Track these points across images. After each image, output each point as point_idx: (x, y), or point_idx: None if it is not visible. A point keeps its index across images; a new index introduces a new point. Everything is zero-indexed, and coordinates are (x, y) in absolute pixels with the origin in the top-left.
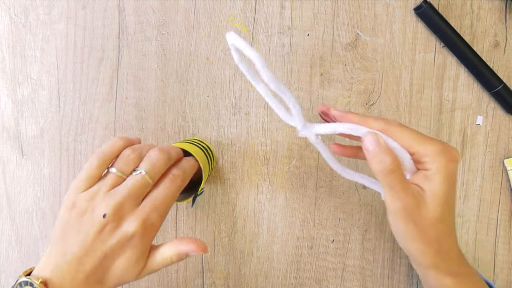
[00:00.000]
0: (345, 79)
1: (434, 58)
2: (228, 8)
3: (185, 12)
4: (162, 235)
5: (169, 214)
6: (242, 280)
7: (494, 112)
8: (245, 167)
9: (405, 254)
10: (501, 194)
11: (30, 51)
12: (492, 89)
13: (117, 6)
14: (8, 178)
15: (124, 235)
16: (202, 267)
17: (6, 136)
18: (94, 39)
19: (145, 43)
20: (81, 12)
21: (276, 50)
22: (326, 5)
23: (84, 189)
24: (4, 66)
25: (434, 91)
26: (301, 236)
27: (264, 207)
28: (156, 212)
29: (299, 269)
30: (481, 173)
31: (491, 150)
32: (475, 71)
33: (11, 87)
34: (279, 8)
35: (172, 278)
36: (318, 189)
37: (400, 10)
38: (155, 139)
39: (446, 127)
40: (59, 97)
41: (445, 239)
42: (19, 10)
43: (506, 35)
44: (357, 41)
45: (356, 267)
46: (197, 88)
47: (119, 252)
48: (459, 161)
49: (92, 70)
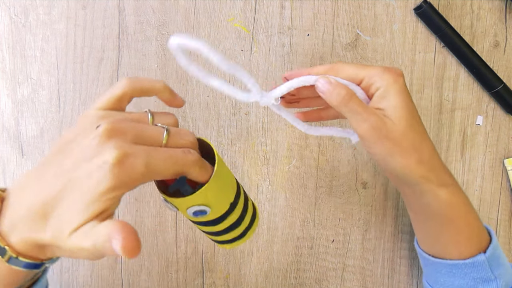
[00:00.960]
0: None
1: (434, 58)
2: (228, 8)
3: (185, 12)
4: (162, 235)
5: (169, 214)
6: (242, 280)
7: (494, 112)
8: (245, 167)
9: (405, 254)
10: (501, 194)
11: (30, 51)
12: (492, 89)
13: (117, 6)
14: (8, 178)
15: (99, 157)
16: (202, 267)
17: (6, 136)
18: (94, 39)
19: (145, 43)
20: (81, 12)
21: (276, 50)
22: (326, 5)
23: None
24: (4, 66)
25: (434, 91)
26: (301, 236)
27: (264, 207)
28: (145, 159)
29: (299, 269)
30: (481, 173)
31: (491, 150)
32: (475, 71)
33: (11, 87)
34: (279, 8)
35: (172, 278)
36: (318, 189)
37: (400, 10)
38: None
39: (446, 127)
40: (59, 97)
41: (422, 147)
42: (19, 10)
43: (506, 35)
44: (357, 41)
45: (356, 267)
46: (197, 88)
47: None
48: (403, 76)
49: (92, 70)
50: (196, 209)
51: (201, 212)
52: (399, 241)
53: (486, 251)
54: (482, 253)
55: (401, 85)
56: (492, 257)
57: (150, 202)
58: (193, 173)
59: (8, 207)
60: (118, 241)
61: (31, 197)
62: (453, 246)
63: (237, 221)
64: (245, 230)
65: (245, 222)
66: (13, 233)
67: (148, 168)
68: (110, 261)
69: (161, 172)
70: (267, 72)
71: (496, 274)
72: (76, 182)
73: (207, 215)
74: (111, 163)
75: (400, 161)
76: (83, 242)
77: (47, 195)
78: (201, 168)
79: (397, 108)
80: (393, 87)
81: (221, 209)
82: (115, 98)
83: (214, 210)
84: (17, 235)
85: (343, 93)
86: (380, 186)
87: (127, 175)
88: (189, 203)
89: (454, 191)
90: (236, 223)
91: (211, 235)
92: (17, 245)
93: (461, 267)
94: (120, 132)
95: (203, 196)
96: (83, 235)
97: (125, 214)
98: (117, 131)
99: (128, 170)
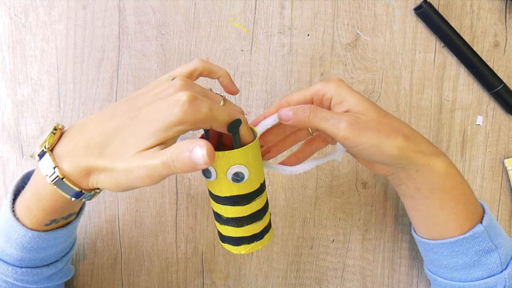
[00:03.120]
0: (345, 79)
1: (434, 58)
2: (228, 8)
3: (185, 12)
4: (162, 235)
5: (169, 215)
6: (242, 280)
7: (494, 112)
8: None
9: (405, 254)
10: (501, 194)
11: (30, 51)
12: (492, 89)
13: (117, 6)
14: (8, 178)
15: (173, 97)
16: (202, 267)
17: (6, 136)
18: (94, 39)
19: (145, 43)
20: (81, 12)
21: (276, 50)
22: (326, 5)
23: None
24: (4, 66)
25: (434, 91)
26: (301, 236)
27: None
28: (209, 104)
29: (299, 269)
30: (481, 173)
31: (491, 150)
32: (475, 71)
33: (11, 87)
34: (279, 8)
35: (172, 278)
36: (318, 189)
37: (400, 10)
38: None
39: (446, 127)
40: (59, 97)
41: (400, 126)
42: (19, 10)
43: (506, 35)
44: (357, 41)
45: (356, 267)
46: None
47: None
48: (342, 79)
49: (92, 70)
50: (236, 170)
51: (239, 176)
52: (399, 241)
53: (482, 221)
54: (479, 223)
55: (347, 85)
56: (489, 226)
57: (150, 202)
58: (242, 130)
59: (65, 137)
60: (201, 147)
61: (92, 129)
62: (453, 221)
63: (261, 210)
64: (263, 230)
65: (265, 218)
66: (65, 159)
67: (211, 112)
68: (110, 261)
69: (219, 119)
70: (267, 72)
71: (496, 243)
72: (146, 115)
73: (243, 182)
74: (183, 100)
75: (390, 144)
76: (150, 160)
77: (110, 127)
78: (248, 130)
79: (359, 102)
80: (344, 89)
81: (254, 182)
82: (188, 71)
83: (250, 178)
84: (68, 161)
85: (306, 109)
86: (380, 186)
87: (194, 113)
88: (235, 158)
89: (446, 160)
90: (260, 211)
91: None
92: (66, 168)
93: (462, 242)
94: (191, 86)
95: (246, 153)
96: (149, 154)
97: (125, 214)
98: (189, 85)
99: (195, 109)
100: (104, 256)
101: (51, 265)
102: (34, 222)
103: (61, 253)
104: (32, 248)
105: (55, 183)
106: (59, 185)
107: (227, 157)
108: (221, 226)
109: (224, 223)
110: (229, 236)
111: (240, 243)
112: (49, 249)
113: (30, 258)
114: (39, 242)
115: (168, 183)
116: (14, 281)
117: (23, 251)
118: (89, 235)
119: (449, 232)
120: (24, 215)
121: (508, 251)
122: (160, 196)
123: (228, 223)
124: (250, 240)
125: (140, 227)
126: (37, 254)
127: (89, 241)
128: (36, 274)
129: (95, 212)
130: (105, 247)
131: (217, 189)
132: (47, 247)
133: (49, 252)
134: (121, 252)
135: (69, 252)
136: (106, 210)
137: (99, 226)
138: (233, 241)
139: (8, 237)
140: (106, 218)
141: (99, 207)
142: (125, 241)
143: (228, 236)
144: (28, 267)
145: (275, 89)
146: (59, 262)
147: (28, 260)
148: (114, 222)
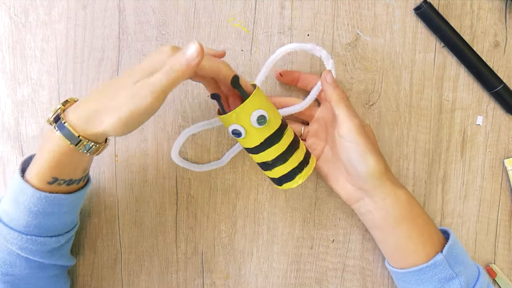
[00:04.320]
0: (345, 79)
1: (434, 58)
2: (228, 8)
3: (185, 12)
4: (162, 235)
5: (169, 215)
6: (242, 280)
7: (494, 112)
8: (245, 167)
9: None
10: (501, 194)
11: (30, 51)
12: (492, 89)
13: (117, 6)
14: (8, 178)
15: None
16: (202, 267)
17: (6, 136)
18: (94, 39)
19: (145, 43)
20: (81, 12)
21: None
22: (326, 5)
23: None
24: (4, 66)
25: (434, 91)
26: (301, 236)
27: (264, 207)
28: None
29: (299, 269)
30: (481, 173)
31: (491, 150)
32: (475, 71)
33: (11, 87)
34: (279, 8)
35: (172, 278)
36: (318, 189)
37: (400, 10)
38: (155, 139)
39: (446, 127)
40: (59, 97)
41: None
42: (19, 10)
43: (506, 35)
44: (357, 41)
45: (356, 267)
46: (197, 88)
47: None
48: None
49: (92, 70)
50: (257, 115)
51: (262, 119)
52: None
53: (442, 250)
54: (440, 252)
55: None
56: (449, 255)
57: (150, 202)
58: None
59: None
60: (193, 43)
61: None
62: (421, 250)
63: (294, 139)
64: (306, 156)
65: (302, 145)
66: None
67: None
68: (110, 261)
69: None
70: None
71: (456, 271)
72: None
73: (268, 123)
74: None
75: (374, 159)
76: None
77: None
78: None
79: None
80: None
81: (276, 119)
82: None
83: (270, 118)
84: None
85: (343, 93)
86: None
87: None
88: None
89: (407, 191)
90: (294, 141)
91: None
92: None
93: (426, 270)
94: None
95: (257, 98)
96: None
97: (125, 214)
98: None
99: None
100: (104, 256)
101: (53, 238)
102: (39, 177)
103: (63, 228)
104: (38, 212)
105: (58, 127)
106: (60, 129)
107: (244, 108)
108: (272, 172)
109: (272, 166)
110: (282, 176)
111: (294, 176)
112: (54, 217)
113: (35, 225)
114: (45, 205)
115: (168, 183)
116: (18, 249)
117: (29, 215)
118: (89, 235)
119: (419, 260)
120: (30, 171)
121: (469, 279)
122: (160, 196)
123: (276, 164)
124: (299, 168)
125: (140, 227)
126: (43, 219)
127: (89, 241)
128: (39, 244)
129: (95, 212)
130: (105, 247)
131: (252, 141)
132: (52, 213)
133: (53, 222)
134: (121, 252)
135: (71, 231)
136: (106, 210)
137: (99, 226)
138: (287, 177)
139: (16, 202)
140: (106, 218)
141: (99, 207)
142: (125, 241)
143: (281, 175)
144: (32, 235)
145: (275, 89)
146: (62, 237)
147: (33, 227)
148: (114, 222)
